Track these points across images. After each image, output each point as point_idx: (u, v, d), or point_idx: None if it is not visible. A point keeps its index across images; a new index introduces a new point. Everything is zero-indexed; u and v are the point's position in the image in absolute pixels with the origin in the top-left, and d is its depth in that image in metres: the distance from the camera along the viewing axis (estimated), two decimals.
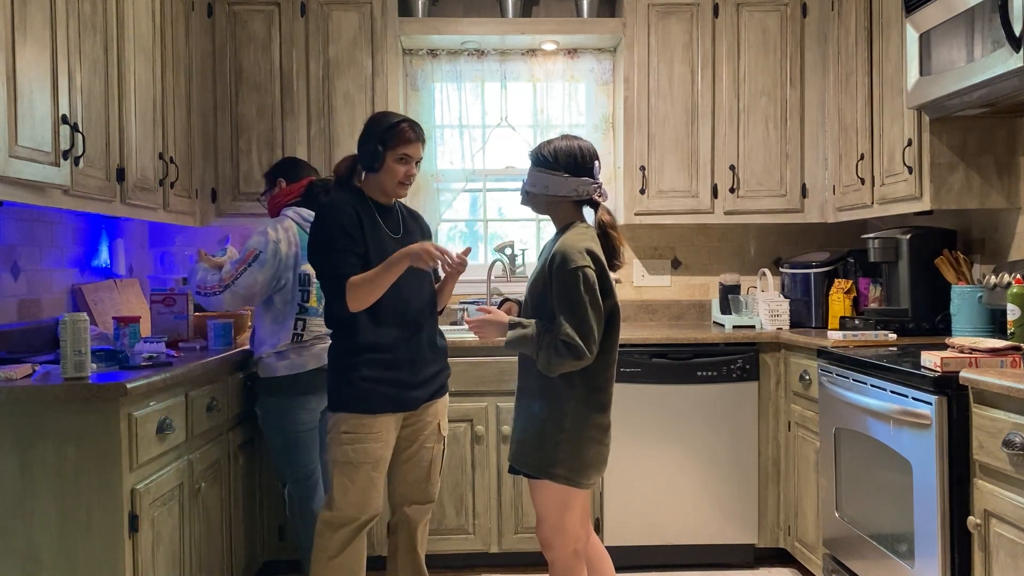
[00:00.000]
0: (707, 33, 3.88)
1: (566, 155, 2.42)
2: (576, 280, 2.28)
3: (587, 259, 2.31)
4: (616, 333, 2.41)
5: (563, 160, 2.42)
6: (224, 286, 2.90)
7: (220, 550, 2.88)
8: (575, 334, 2.26)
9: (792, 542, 3.50)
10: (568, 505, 2.41)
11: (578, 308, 2.28)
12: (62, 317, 2.20)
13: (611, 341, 2.40)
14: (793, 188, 3.91)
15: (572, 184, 2.41)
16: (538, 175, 2.44)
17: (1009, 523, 2.07)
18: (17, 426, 2.12)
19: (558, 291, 2.31)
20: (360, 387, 2.56)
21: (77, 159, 2.46)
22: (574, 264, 2.29)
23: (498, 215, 4.34)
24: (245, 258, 2.90)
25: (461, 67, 4.15)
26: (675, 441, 3.55)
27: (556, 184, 2.42)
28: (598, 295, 2.31)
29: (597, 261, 2.34)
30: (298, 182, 3.10)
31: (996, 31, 2.42)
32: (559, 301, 2.31)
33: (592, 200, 2.46)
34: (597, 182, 2.45)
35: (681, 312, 4.29)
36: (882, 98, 3.31)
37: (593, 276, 2.30)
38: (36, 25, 2.25)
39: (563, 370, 2.31)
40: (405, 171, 2.64)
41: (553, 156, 2.43)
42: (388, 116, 2.69)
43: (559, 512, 2.41)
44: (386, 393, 2.58)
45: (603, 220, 2.46)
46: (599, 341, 2.32)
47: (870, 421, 2.69)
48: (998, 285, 2.92)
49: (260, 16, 3.76)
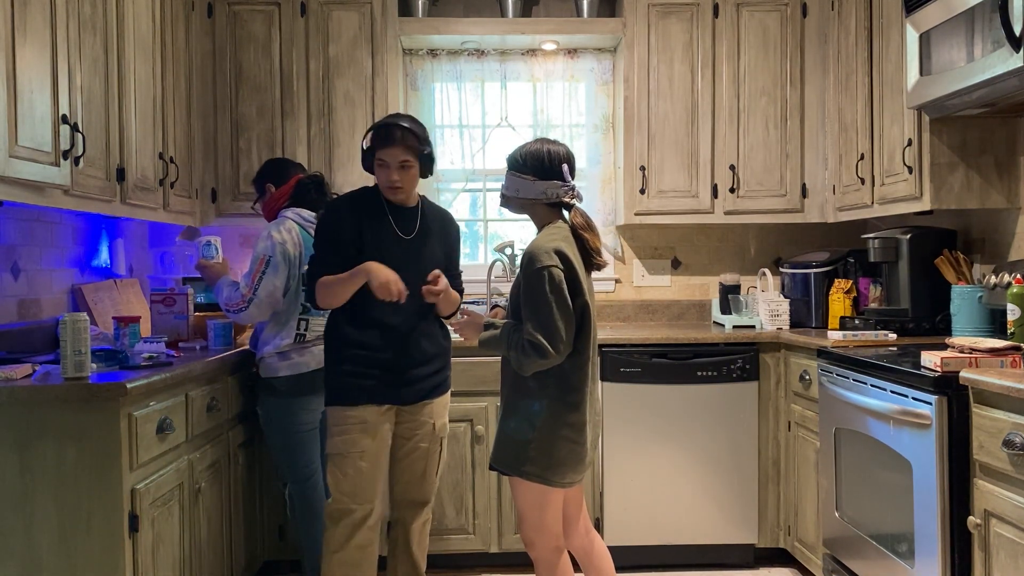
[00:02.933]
0: (707, 33, 3.88)
1: (533, 159, 2.45)
2: (541, 280, 2.31)
3: (554, 259, 2.33)
4: (588, 332, 2.43)
5: (530, 164, 2.45)
6: (247, 300, 2.90)
7: (220, 550, 2.88)
8: (539, 334, 2.30)
9: (792, 542, 3.50)
10: (545, 503, 2.43)
11: (542, 308, 2.31)
12: (62, 317, 2.20)
13: (583, 340, 2.42)
14: (793, 188, 3.91)
15: (540, 187, 2.44)
16: (510, 178, 2.49)
17: (1009, 523, 2.07)
18: (17, 426, 2.12)
19: (524, 291, 2.35)
20: (344, 381, 2.65)
21: (77, 159, 2.46)
22: (540, 264, 2.32)
23: (498, 215, 4.33)
24: (257, 267, 2.90)
25: (461, 67, 4.15)
26: (675, 441, 3.55)
27: (524, 187, 2.45)
28: (565, 295, 2.33)
29: (566, 261, 2.35)
30: (287, 183, 3.10)
31: (996, 31, 2.42)
32: (525, 301, 2.35)
33: (564, 203, 2.47)
34: (567, 184, 2.46)
35: (681, 312, 4.29)
36: (882, 98, 3.31)
37: (560, 275, 2.32)
38: (36, 25, 2.25)
39: (533, 369, 2.35)
40: (386, 176, 2.64)
41: (523, 159, 2.47)
42: (385, 119, 2.70)
43: (537, 510, 2.44)
44: (368, 386, 2.64)
45: (574, 222, 2.49)
46: (569, 340, 2.35)
47: (870, 421, 2.69)
48: (998, 285, 2.92)
49: (260, 16, 3.76)
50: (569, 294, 2.34)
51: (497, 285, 4.12)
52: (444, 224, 2.85)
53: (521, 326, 2.36)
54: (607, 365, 3.53)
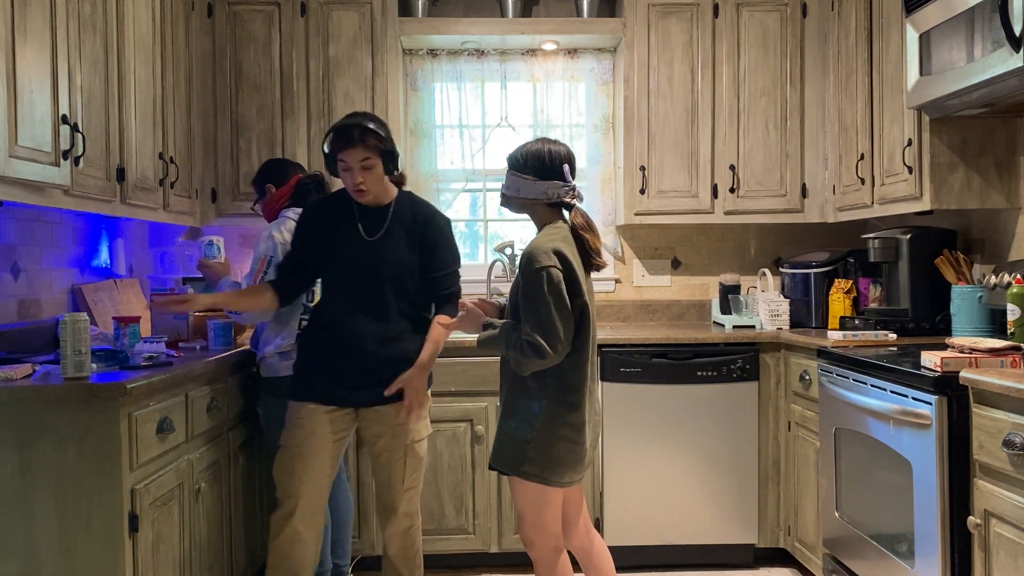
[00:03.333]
0: (707, 33, 3.88)
1: (534, 158, 2.45)
2: (539, 280, 2.31)
3: (553, 259, 2.33)
4: (587, 332, 2.43)
5: (532, 164, 2.45)
6: None
7: (220, 550, 2.88)
8: (538, 334, 2.30)
9: (792, 542, 3.50)
10: (544, 503, 2.43)
11: (541, 308, 2.31)
12: (62, 317, 2.20)
13: (582, 340, 2.42)
14: (793, 188, 3.91)
15: (541, 187, 2.44)
16: (511, 178, 2.48)
17: (1009, 523, 2.07)
18: (17, 426, 2.11)
19: (523, 291, 2.35)
20: (298, 376, 2.76)
21: (77, 159, 2.46)
22: (538, 264, 2.32)
23: (498, 215, 4.33)
24: (259, 267, 2.90)
25: (461, 67, 4.15)
26: (675, 441, 3.55)
27: (526, 187, 2.45)
28: (564, 295, 2.33)
29: (564, 261, 2.35)
30: (287, 183, 3.10)
31: (996, 31, 2.42)
32: (524, 301, 2.35)
33: (565, 203, 2.47)
34: (568, 184, 2.46)
35: (681, 312, 4.29)
36: (882, 98, 3.31)
37: (558, 276, 2.32)
38: (36, 25, 2.25)
39: (532, 369, 2.35)
40: (350, 179, 2.62)
41: (524, 159, 2.46)
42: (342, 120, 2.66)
43: (536, 510, 2.44)
44: (315, 384, 2.69)
45: (575, 223, 2.48)
46: (568, 340, 2.35)
47: (870, 421, 2.69)
48: (998, 285, 2.92)
49: (260, 16, 3.76)
50: (568, 294, 2.34)
51: (497, 285, 4.12)
52: (421, 223, 2.75)
53: (520, 326, 2.36)
54: (607, 365, 3.53)
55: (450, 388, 3.50)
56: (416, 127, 4.15)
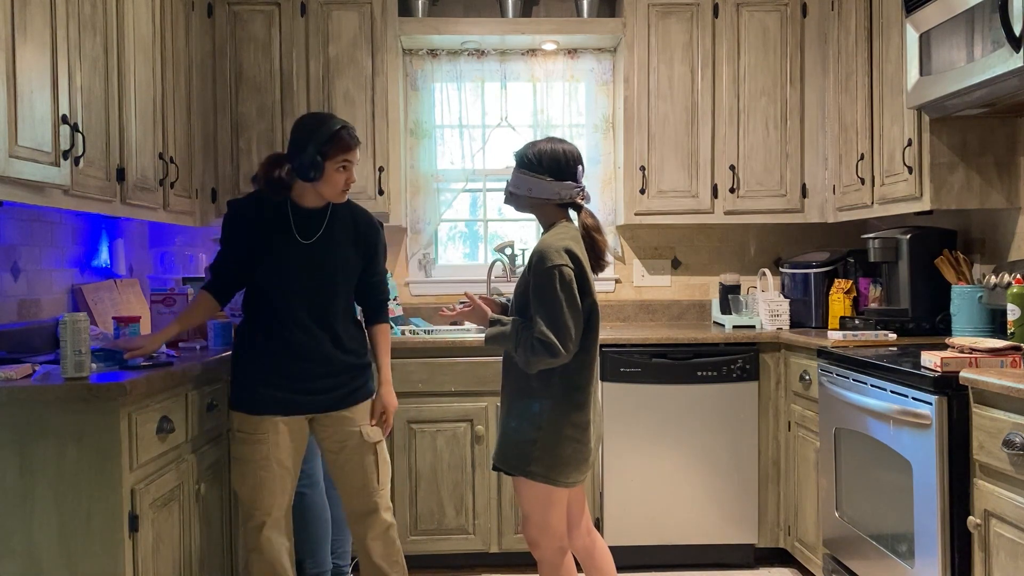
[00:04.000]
0: (707, 33, 3.88)
1: (550, 159, 2.44)
2: (552, 278, 2.31)
3: (564, 258, 2.33)
4: (595, 332, 2.43)
5: (547, 164, 2.44)
6: None
7: (220, 550, 2.87)
8: (550, 332, 2.29)
9: (792, 542, 3.50)
10: (550, 503, 2.43)
11: (553, 306, 2.30)
12: (62, 317, 2.19)
13: (590, 340, 2.42)
14: (793, 188, 3.92)
15: (555, 188, 2.43)
16: (521, 177, 2.46)
17: (1009, 523, 2.07)
18: (17, 426, 2.11)
19: (535, 289, 2.34)
20: (249, 389, 2.62)
21: (77, 159, 2.46)
22: (550, 263, 2.32)
23: (498, 215, 4.33)
24: None
25: (461, 67, 4.15)
26: (675, 441, 3.55)
27: (539, 187, 2.44)
28: (575, 294, 2.33)
29: (575, 260, 2.35)
30: None
31: (996, 31, 2.42)
32: (535, 299, 2.34)
33: (575, 203, 2.47)
34: (579, 185, 2.46)
35: (681, 312, 4.29)
36: (882, 98, 3.31)
37: (570, 274, 2.32)
38: (36, 25, 2.24)
39: (541, 367, 2.34)
40: (346, 178, 2.60)
41: (537, 159, 2.44)
42: (324, 122, 2.57)
43: (542, 510, 2.44)
44: (272, 395, 2.59)
45: (586, 223, 2.47)
46: (578, 339, 2.35)
47: (870, 421, 2.69)
48: (998, 285, 2.92)
49: (260, 16, 3.76)
50: (578, 293, 2.34)
51: (497, 285, 4.12)
52: (360, 227, 2.72)
53: (529, 324, 2.35)
54: (607, 365, 3.53)
55: (450, 388, 3.50)
56: (416, 127, 4.16)
